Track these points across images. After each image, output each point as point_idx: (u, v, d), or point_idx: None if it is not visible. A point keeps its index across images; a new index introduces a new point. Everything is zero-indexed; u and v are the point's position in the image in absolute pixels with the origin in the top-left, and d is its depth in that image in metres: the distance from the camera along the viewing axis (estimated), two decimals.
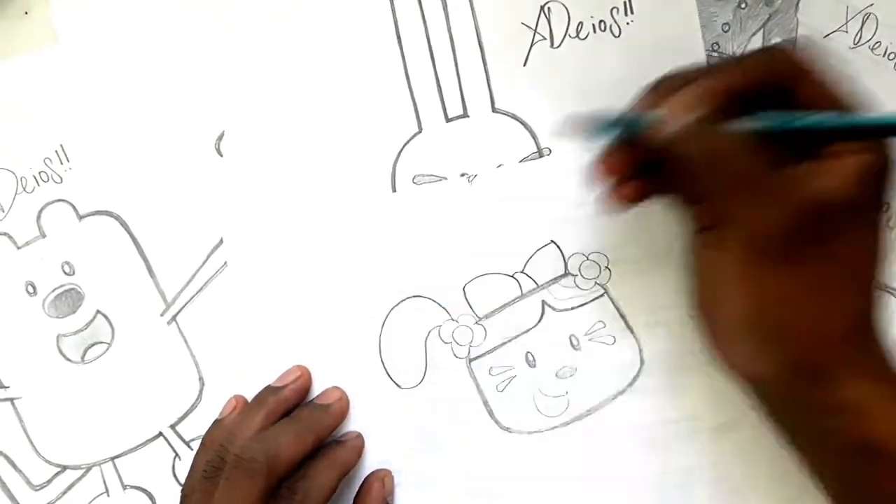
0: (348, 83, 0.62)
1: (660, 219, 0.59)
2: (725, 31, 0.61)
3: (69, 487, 0.63)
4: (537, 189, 0.61)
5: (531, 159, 0.62)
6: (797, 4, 0.61)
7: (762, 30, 0.61)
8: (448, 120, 0.62)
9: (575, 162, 0.60)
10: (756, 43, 0.61)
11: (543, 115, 0.61)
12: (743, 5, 0.61)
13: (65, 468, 0.63)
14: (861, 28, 0.60)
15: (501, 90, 0.62)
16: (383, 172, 0.62)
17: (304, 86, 0.62)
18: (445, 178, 0.62)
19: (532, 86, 0.62)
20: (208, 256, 0.63)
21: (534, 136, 0.62)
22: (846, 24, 0.60)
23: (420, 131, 0.62)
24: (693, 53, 0.61)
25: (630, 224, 0.60)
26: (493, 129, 0.62)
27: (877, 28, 0.60)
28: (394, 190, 0.62)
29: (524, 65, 0.62)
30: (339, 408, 0.61)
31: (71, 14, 0.63)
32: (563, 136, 0.59)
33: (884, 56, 0.60)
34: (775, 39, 0.61)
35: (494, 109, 0.62)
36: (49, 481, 0.63)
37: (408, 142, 0.62)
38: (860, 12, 0.60)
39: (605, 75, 0.61)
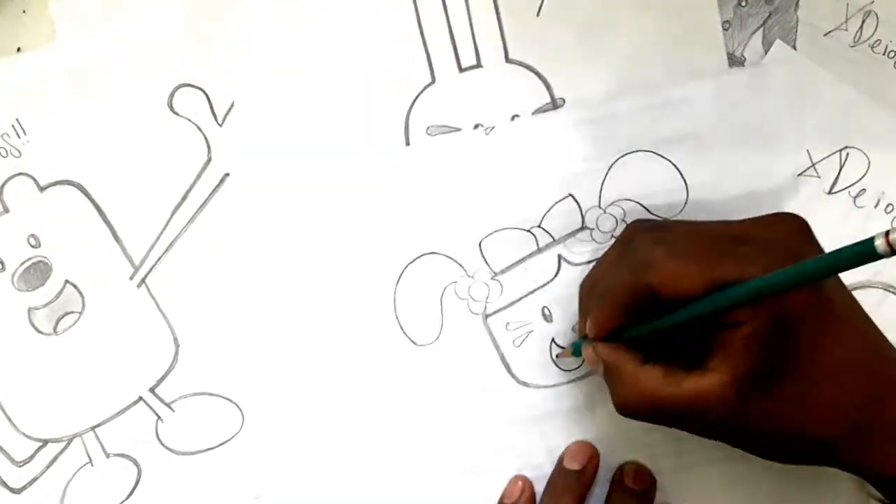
0: (361, 34, 0.61)
1: (676, 174, 0.61)
2: (726, 30, 0.61)
3: (53, 461, 0.62)
4: (553, 141, 0.61)
5: (545, 110, 0.61)
6: (797, 2, 0.61)
7: (762, 28, 0.61)
8: (461, 70, 0.62)
9: (590, 113, 0.61)
10: (756, 41, 0.61)
11: (557, 65, 0.61)
12: (743, 3, 0.61)
13: (46, 442, 0.62)
14: (861, 26, 0.60)
15: (515, 40, 0.61)
16: (396, 123, 0.62)
17: (316, 37, 0.62)
18: (459, 129, 0.61)
19: (545, 36, 0.61)
20: (171, 216, 0.62)
21: (548, 87, 0.61)
22: (846, 22, 0.60)
23: (433, 82, 0.62)
24: (708, 11, 0.61)
25: (646, 175, 0.61)
26: (506, 80, 0.62)
27: (877, 26, 0.60)
28: (407, 141, 0.62)
29: (537, 15, 0.61)
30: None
31: (69, 13, 0.62)
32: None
33: (884, 54, 0.61)
34: (776, 37, 0.61)
35: (508, 60, 0.62)
36: (32, 456, 0.62)
37: (421, 92, 0.62)
38: (860, 10, 0.60)
39: (617, 26, 0.61)
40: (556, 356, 0.61)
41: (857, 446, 0.50)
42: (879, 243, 0.36)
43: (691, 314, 0.49)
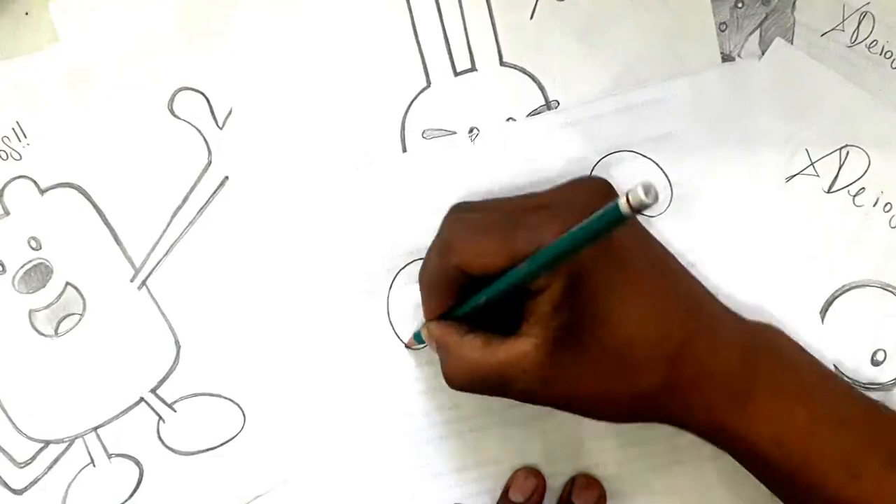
0: (356, 39, 0.61)
1: (659, 173, 0.61)
2: (723, 31, 0.61)
3: (54, 462, 0.62)
4: (542, 143, 0.61)
5: (540, 112, 0.62)
6: (794, 3, 0.61)
7: (759, 29, 0.61)
8: (456, 74, 0.62)
9: (583, 114, 0.61)
10: (753, 42, 0.61)
11: (551, 67, 0.62)
12: (740, 4, 0.61)
13: (48, 443, 0.62)
14: (858, 27, 0.60)
15: (509, 43, 0.62)
16: (392, 127, 0.62)
17: (313, 42, 0.62)
18: (455, 133, 0.62)
19: (539, 39, 0.62)
20: (172, 218, 0.62)
21: (542, 89, 0.62)
22: (843, 22, 0.60)
23: (428, 86, 0.62)
24: (702, 9, 0.61)
25: (630, 175, 0.61)
26: (501, 83, 0.62)
27: (874, 26, 0.60)
28: (403, 144, 0.62)
29: (531, 18, 0.61)
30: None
31: (71, 15, 0.62)
32: None
33: (881, 54, 0.61)
34: (773, 38, 0.60)
35: (502, 63, 0.62)
36: (33, 457, 0.62)
37: (416, 96, 0.62)
38: (857, 11, 0.60)
39: (610, 28, 0.61)
40: (407, 346, 0.62)
41: (677, 396, 0.51)
42: (622, 203, 0.36)
43: (496, 291, 0.50)
